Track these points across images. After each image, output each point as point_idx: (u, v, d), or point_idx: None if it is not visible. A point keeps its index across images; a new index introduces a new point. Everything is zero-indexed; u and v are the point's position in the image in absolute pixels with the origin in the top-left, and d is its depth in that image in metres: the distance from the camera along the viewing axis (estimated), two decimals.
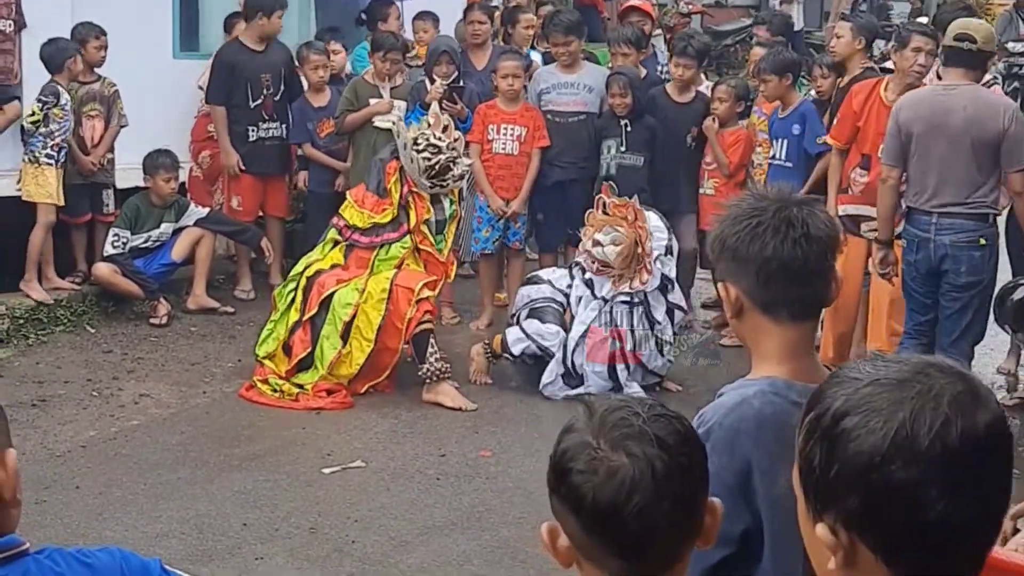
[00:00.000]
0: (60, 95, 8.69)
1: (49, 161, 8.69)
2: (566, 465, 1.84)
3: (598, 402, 1.89)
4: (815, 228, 2.48)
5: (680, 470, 1.83)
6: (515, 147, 8.78)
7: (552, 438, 6.10)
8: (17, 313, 8.49)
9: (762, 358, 2.57)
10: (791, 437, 2.43)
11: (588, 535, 1.84)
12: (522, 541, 5.69)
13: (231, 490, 6.17)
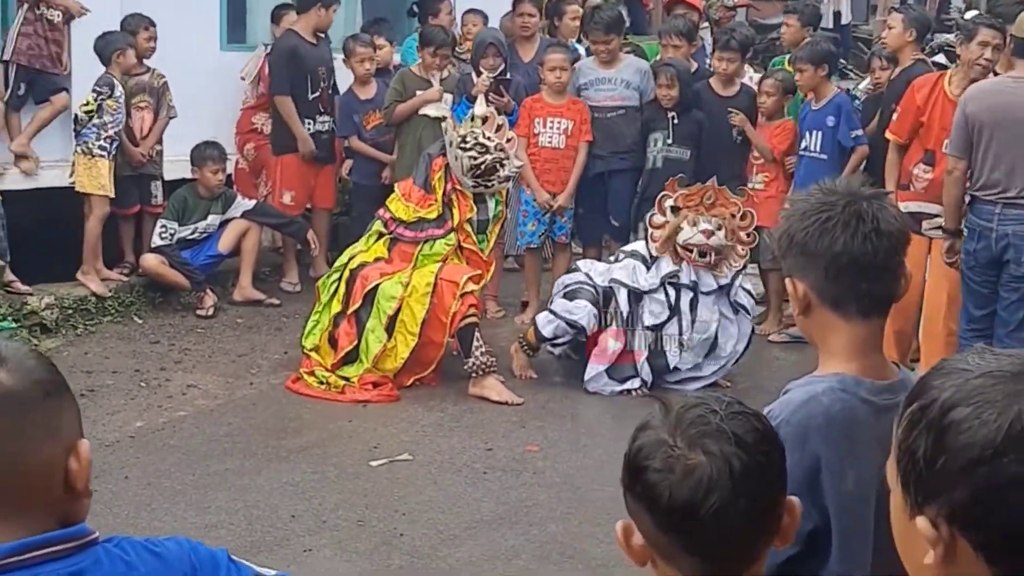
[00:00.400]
0: (115, 87, 8.74)
1: (102, 153, 8.73)
2: (641, 463, 1.81)
3: (674, 399, 1.87)
4: (885, 222, 2.45)
5: (758, 468, 1.80)
6: (561, 140, 8.75)
7: (598, 434, 6.17)
8: (66, 303, 8.54)
9: (830, 355, 2.54)
10: (860, 434, 2.43)
11: (663, 534, 1.81)
12: (570, 536, 5.68)
13: (279, 481, 6.18)
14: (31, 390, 1.73)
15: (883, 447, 2.44)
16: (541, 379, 7.85)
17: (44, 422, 1.74)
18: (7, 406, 1.71)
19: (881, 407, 2.46)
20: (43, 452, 1.74)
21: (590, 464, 6.56)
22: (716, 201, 7.61)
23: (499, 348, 8.36)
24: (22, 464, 1.72)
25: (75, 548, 1.75)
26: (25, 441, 1.72)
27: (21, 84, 9.06)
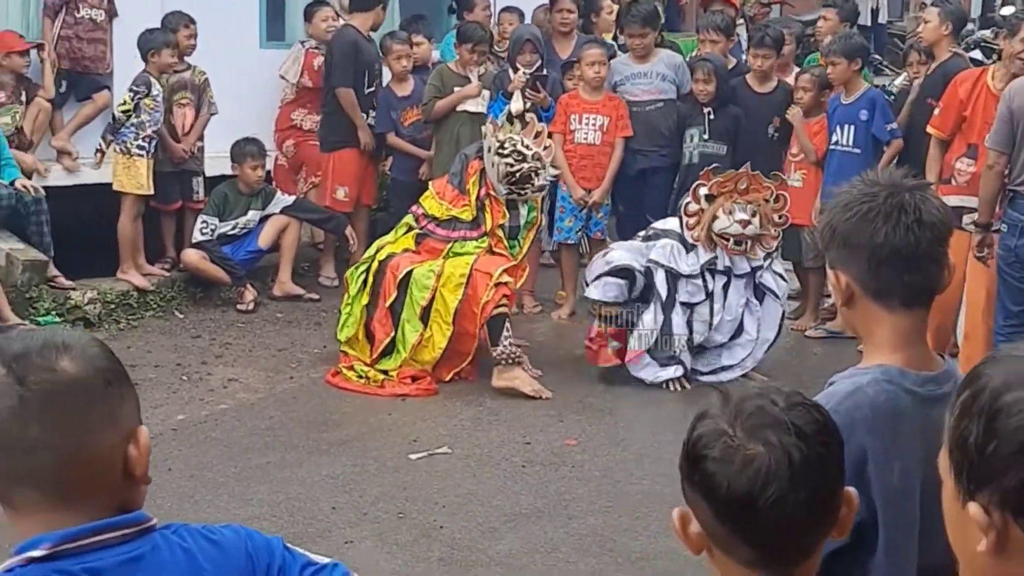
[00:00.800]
0: (152, 85, 8.80)
1: (140, 152, 8.82)
2: (700, 452, 1.82)
3: (734, 389, 1.88)
4: (927, 213, 2.45)
5: (818, 460, 1.81)
6: (597, 137, 8.77)
7: (636, 428, 6.18)
8: (108, 298, 8.64)
9: (875, 346, 2.54)
10: (905, 425, 2.44)
11: (721, 523, 1.82)
12: (609, 530, 5.71)
13: (320, 474, 6.24)
14: (94, 378, 1.76)
15: (928, 438, 2.47)
16: (579, 373, 7.87)
17: (106, 410, 1.77)
18: (71, 394, 1.74)
19: (926, 398, 2.47)
20: (104, 439, 1.76)
21: (628, 458, 6.58)
22: (750, 186, 7.59)
23: (536, 343, 8.44)
24: (84, 451, 1.74)
25: (134, 534, 1.78)
26: (88, 428, 1.75)
27: (62, 83, 9.17)
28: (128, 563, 1.75)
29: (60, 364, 1.73)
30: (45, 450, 1.72)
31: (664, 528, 5.74)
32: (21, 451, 1.72)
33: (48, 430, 1.71)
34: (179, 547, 1.82)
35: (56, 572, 1.71)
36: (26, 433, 1.71)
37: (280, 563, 1.90)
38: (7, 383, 1.72)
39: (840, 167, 8.07)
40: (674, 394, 7.50)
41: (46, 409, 1.72)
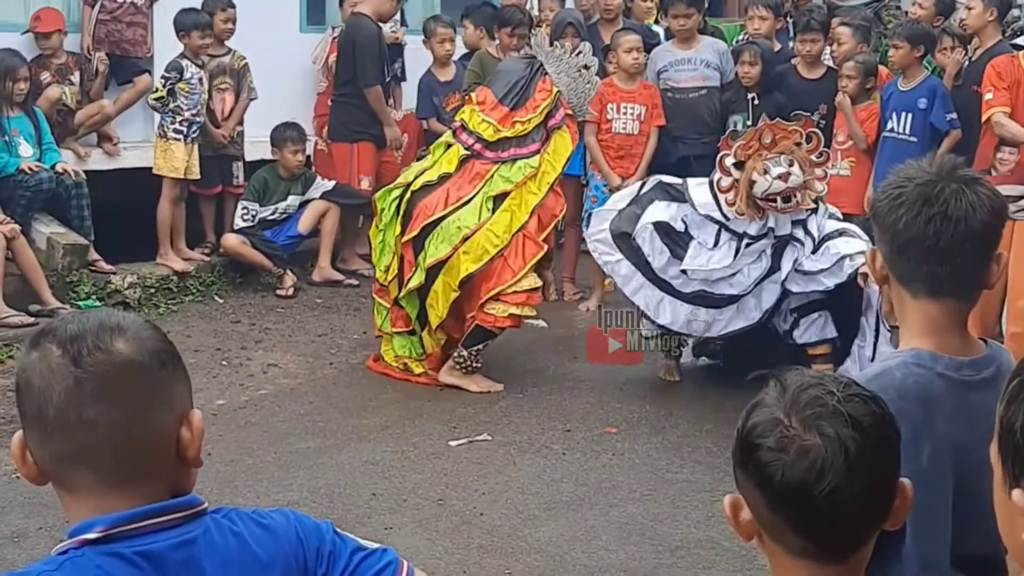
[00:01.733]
0: (184, 70, 8.80)
1: (177, 136, 8.83)
2: (755, 441, 1.81)
3: (790, 378, 1.85)
4: (956, 208, 2.37)
5: (874, 452, 1.79)
6: (635, 126, 8.67)
7: (677, 415, 6.14)
8: (148, 282, 8.66)
9: (907, 330, 2.52)
10: (936, 408, 2.41)
11: (773, 512, 1.80)
12: (650, 518, 5.67)
13: (360, 460, 6.22)
14: (148, 359, 1.76)
15: (964, 423, 2.43)
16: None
17: (160, 390, 1.78)
18: (126, 375, 1.74)
19: (961, 382, 2.43)
20: (159, 420, 1.77)
21: (669, 446, 6.54)
22: (776, 137, 6.84)
23: (576, 331, 8.40)
24: (139, 432, 1.75)
25: (186, 517, 1.78)
26: (142, 409, 1.75)
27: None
28: (181, 546, 1.75)
29: (115, 345, 1.74)
30: (101, 430, 1.72)
31: (705, 517, 5.72)
32: (78, 432, 1.72)
33: (104, 411, 1.72)
34: (230, 531, 1.82)
35: (110, 555, 1.71)
36: (82, 414, 1.71)
37: (330, 547, 1.90)
38: (63, 364, 1.72)
39: (894, 155, 7.86)
40: (716, 383, 7.44)
41: (102, 390, 1.72)
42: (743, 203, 6.81)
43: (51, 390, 1.72)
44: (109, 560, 1.71)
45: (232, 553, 1.80)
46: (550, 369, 7.71)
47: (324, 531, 1.91)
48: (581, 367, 7.72)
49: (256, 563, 1.82)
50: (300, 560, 1.86)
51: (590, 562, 5.25)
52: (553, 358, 7.90)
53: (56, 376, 1.72)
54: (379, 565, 1.92)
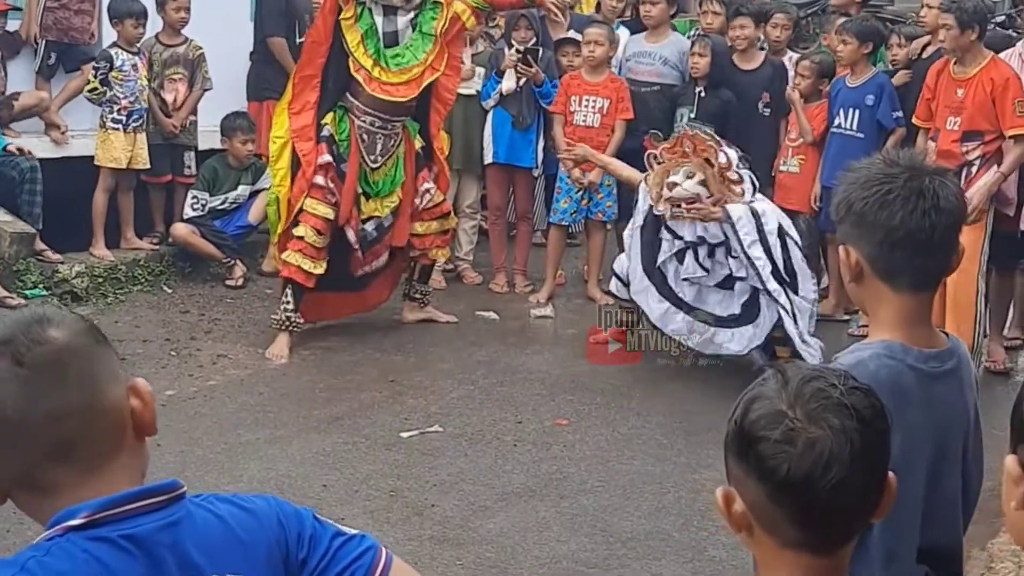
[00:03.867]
0: (114, 58, 8.74)
1: (116, 126, 8.78)
2: (757, 433, 1.79)
3: (791, 370, 1.85)
4: (945, 200, 2.45)
5: (875, 444, 1.81)
6: (596, 119, 8.68)
7: (627, 408, 6.17)
8: (96, 272, 8.58)
9: (879, 324, 2.56)
10: (907, 400, 2.46)
11: (772, 504, 1.80)
12: (600, 509, 5.70)
13: (310, 451, 6.21)
14: (84, 339, 1.77)
15: (932, 414, 2.49)
16: (571, 353, 7.86)
17: (105, 367, 1.79)
18: (71, 358, 1.75)
19: (929, 374, 2.50)
20: (113, 395, 1.78)
21: (619, 438, 6.57)
22: (695, 148, 7.19)
23: (527, 323, 8.45)
24: (98, 410, 1.76)
25: (167, 500, 1.80)
26: (95, 386, 1.76)
27: (51, 54, 9.09)
28: (166, 528, 1.77)
29: (49, 335, 1.75)
30: (67, 419, 1.73)
31: (655, 508, 5.76)
32: (46, 427, 1.73)
33: (63, 398, 1.73)
34: (212, 513, 1.84)
35: (95, 540, 1.72)
36: (39, 408, 1.72)
37: (311, 532, 1.91)
38: (5, 368, 1.72)
39: (841, 151, 7.95)
40: (665, 375, 7.48)
41: (51, 379, 1.73)
42: (656, 200, 7.25)
43: (3, 398, 1.71)
44: (96, 544, 1.72)
45: (215, 535, 1.81)
46: (501, 361, 7.72)
47: (304, 516, 1.93)
48: (532, 359, 7.74)
49: (239, 545, 1.83)
50: (282, 544, 1.87)
51: (541, 553, 5.28)
52: (504, 350, 7.92)
53: (3, 383, 1.71)
54: (358, 550, 1.92)
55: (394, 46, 7.52)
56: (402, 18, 7.51)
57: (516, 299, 8.99)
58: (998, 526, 5.63)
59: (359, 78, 7.50)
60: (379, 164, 7.70)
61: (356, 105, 7.59)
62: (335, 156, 7.58)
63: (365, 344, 7.92)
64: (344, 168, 7.61)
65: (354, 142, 7.62)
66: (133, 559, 1.74)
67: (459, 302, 8.80)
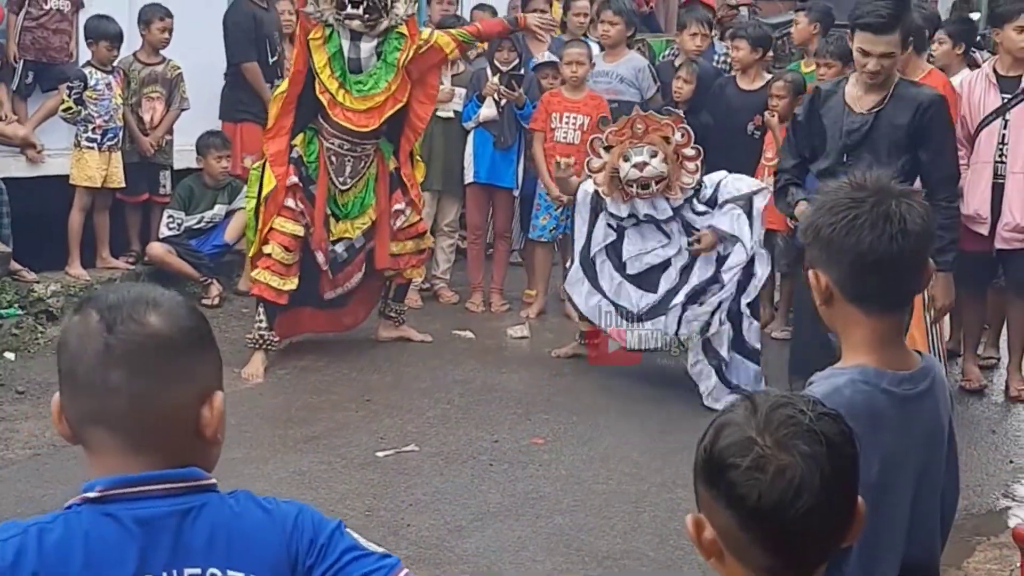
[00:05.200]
0: (88, 78, 8.75)
1: (90, 144, 8.77)
2: (727, 460, 1.80)
3: (759, 397, 1.85)
4: (912, 223, 2.47)
5: (845, 470, 1.81)
6: (576, 136, 8.69)
7: (603, 427, 6.17)
8: (72, 291, 8.55)
9: (852, 347, 2.58)
10: (882, 423, 2.48)
11: (743, 531, 1.80)
12: (576, 529, 5.70)
13: (286, 471, 6.20)
14: (176, 335, 1.88)
15: (907, 436, 2.51)
16: (547, 372, 7.88)
17: (183, 367, 1.89)
18: (152, 346, 1.86)
19: (902, 397, 2.53)
20: (177, 394, 1.89)
21: (595, 457, 6.58)
22: (647, 128, 7.39)
23: (503, 342, 8.46)
24: (157, 401, 1.86)
25: (185, 488, 1.87)
26: (163, 381, 1.87)
27: (29, 73, 9.06)
28: (176, 514, 1.86)
29: (148, 318, 1.87)
30: (122, 396, 1.85)
31: (631, 528, 5.77)
32: (101, 394, 1.85)
33: (127, 377, 1.85)
34: (230, 509, 1.91)
35: (105, 515, 1.84)
36: (107, 378, 1.85)
37: (324, 541, 1.95)
38: (97, 329, 1.85)
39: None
40: (641, 395, 7.50)
41: (127, 357, 1.85)
42: (606, 185, 7.41)
43: (83, 352, 1.86)
44: (102, 520, 1.83)
45: (224, 530, 1.88)
46: (477, 380, 7.72)
47: (326, 526, 1.98)
48: (508, 378, 7.75)
49: (248, 542, 1.90)
50: (292, 549, 1.93)
51: (517, 573, 5.28)
52: (481, 369, 7.92)
53: (90, 339, 1.85)
54: (369, 568, 1.94)
55: (358, 72, 7.54)
56: (366, 44, 7.51)
57: (492, 318, 9.01)
58: (973, 544, 5.68)
59: (323, 101, 7.54)
60: (348, 186, 7.71)
61: (325, 127, 7.63)
62: (303, 178, 7.59)
63: (341, 363, 7.92)
64: (313, 190, 7.63)
65: (323, 164, 7.64)
66: (132, 538, 1.83)
67: (435, 321, 8.81)
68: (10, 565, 1.80)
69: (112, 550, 1.82)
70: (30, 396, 7.10)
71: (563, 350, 8.14)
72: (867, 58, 5.73)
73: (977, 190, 7.49)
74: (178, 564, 1.86)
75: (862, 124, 5.87)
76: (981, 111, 7.53)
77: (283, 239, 7.54)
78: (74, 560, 1.81)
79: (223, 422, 1.95)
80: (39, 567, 1.80)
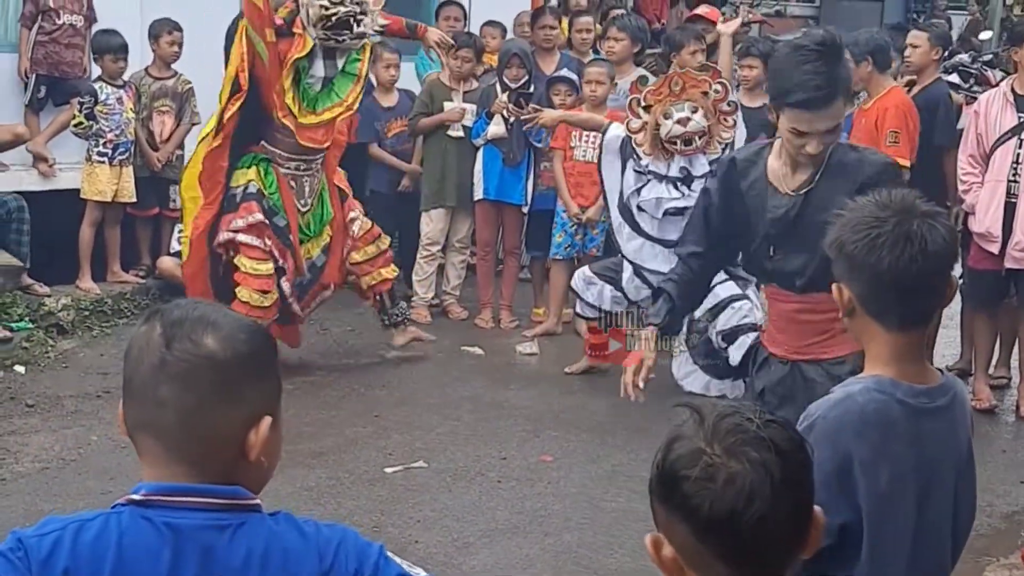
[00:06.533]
0: (98, 92, 8.79)
1: (101, 159, 8.82)
2: (679, 473, 1.82)
3: (706, 408, 1.87)
4: (933, 243, 2.51)
5: (796, 476, 1.82)
6: (595, 155, 8.68)
7: (612, 445, 6.16)
8: (82, 305, 8.59)
9: (872, 359, 2.64)
10: (895, 432, 2.53)
11: (700, 543, 1.81)
12: (584, 547, 5.69)
13: (294, 486, 6.19)
14: (231, 359, 1.93)
15: (921, 448, 2.53)
16: (556, 389, 7.87)
17: (232, 390, 1.94)
18: (204, 367, 1.91)
19: (918, 409, 2.56)
20: (223, 415, 1.93)
21: (604, 475, 6.56)
22: (685, 85, 7.39)
23: (512, 358, 8.46)
24: (203, 420, 1.91)
25: (226, 505, 1.91)
26: (211, 402, 1.92)
27: (41, 87, 9.12)
28: (209, 529, 1.90)
29: (205, 339, 1.92)
30: (168, 409, 1.91)
31: (639, 546, 5.68)
32: (150, 403, 1.92)
33: (176, 393, 1.91)
34: (269, 530, 1.94)
35: (142, 518, 1.89)
36: (158, 390, 1.91)
37: (372, 570, 1.98)
38: (157, 343, 1.92)
39: None
40: (651, 413, 7.44)
41: (179, 375, 1.91)
42: (648, 145, 7.36)
43: (141, 363, 1.93)
44: (139, 523, 1.89)
45: (260, 551, 1.91)
46: (486, 397, 7.71)
47: (370, 553, 2.00)
48: (517, 395, 7.74)
49: (281, 567, 1.92)
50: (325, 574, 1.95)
51: None
52: (489, 386, 7.92)
53: (148, 351, 1.93)
54: None
55: (328, 88, 7.45)
56: (340, 60, 7.45)
57: (501, 334, 9.00)
58: (983, 564, 5.66)
59: (289, 126, 7.33)
60: (308, 207, 7.65)
61: (278, 153, 7.46)
62: (267, 211, 7.40)
63: (350, 379, 7.92)
64: (279, 221, 7.45)
65: (284, 191, 7.47)
66: (164, 544, 1.88)
67: (444, 337, 8.79)
68: (44, 560, 1.84)
69: (144, 554, 1.87)
70: (40, 410, 7.10)
71: (575, 367, 8.13)
72: (804, 138, 4.10)
73: (990, 208, 7.49)
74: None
75: (788, 208, 4.23)
76: (997, 129, 7.56)
77: (257, 283, 7.35)
78: (105, 560, 1.86)
79: (273, 447, 1.99)
80: (71, 564, 1.85)
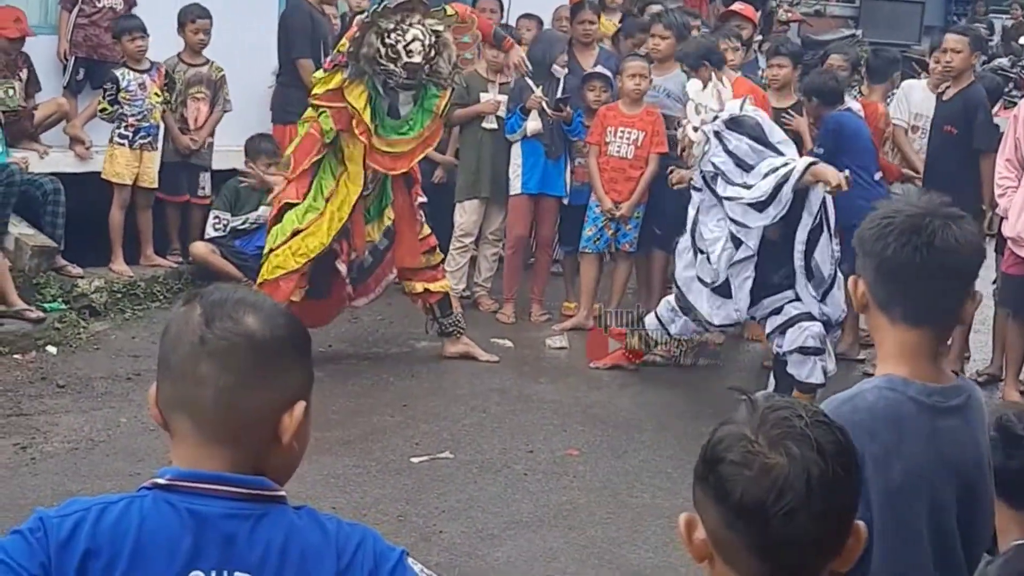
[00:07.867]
0: (119, 79, 8.83)
1: (121, 141, 8.88)
2: (719, 454, 1.81)
3: (761, 398, 1.87)
4: (941, 240, 2.50)
5: (834, 479, 1.79)
6: (630, 151, 8.65)
7: (638, 440, 6.17)
8: (115, 287, 8.64)
9: (883, 357, 2.65)
10: (907, 430, 2.52)
11: (728, 529, 1.80)
12: (608, 541, 5.70)
13: (321, 473, 6.22)
14: (270, 341, 1.95)
15: (935, 447, 2.53)
16: (584, 383, 7.87)
17: (270, 372, 1.95)
18: (244, 347, 1.93)
19: (931, 407, 2.56)
20: (260, 397, 1.95)
21: (630, 469, 6.57)
22: None
23: (540, 352, 8.47)
24: (239, 400, 1.93)
25: (250, 495, 1.92)
26: (248, 381, 1.94)
27: (80, 70, 9.21)
28: (232, 518, 1.91)
29: (245, 319, 1.95)
30: (207, 387, 1.92)
31: (663, 542, 5.74)
32: (189, 382, 1.93)
33: (215, 371, 1.92)
34: (291, 523, 1.95)
35: (166, 503, 1.91)
36: (197, 367, 1.93)
37: (388, 575, 1.99)
38: (198, 322, 1.94)
39: None
40: (677, 409, 7.48)
41: (219, 352, 1.92)
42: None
43: (181, 340, 1.94)
44: (162, 507, 1.90)
45: (280, 544, 1.92)
46: (514, 389, 7.73)
47: (388, 559, 2.01)
48: (545, 388, 7.75)
49: (300, 561, 1.93)
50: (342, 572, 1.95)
51: None
52: (517, 378, 7.93)
53: (188, 329, 1.94)
54: None
55: (397, 117, 7.56)
56: (403, 94, 7.56)
57: (531, 328, 8.99)
58: None
59: (364, 141, 7.44)
60: (370, 192, 7.71)
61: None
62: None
63: (380, 368, 7.95)
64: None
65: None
66: (186, 531, 1.89)
67: (474, 329, 8.78)
68: (63, 541, 1.86)
69: (164, 539, 1.88)
70: (71, 390, 7.16)
71: (602, 361, 8.13)
72: None
73: (1023, 213, 7.44)
74: (229, 567, 1.90)
75: None
76: None
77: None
78: (125, 542, 1.87)
79: (303, 433, 2.00)
80: (91, 545, 1.86)
